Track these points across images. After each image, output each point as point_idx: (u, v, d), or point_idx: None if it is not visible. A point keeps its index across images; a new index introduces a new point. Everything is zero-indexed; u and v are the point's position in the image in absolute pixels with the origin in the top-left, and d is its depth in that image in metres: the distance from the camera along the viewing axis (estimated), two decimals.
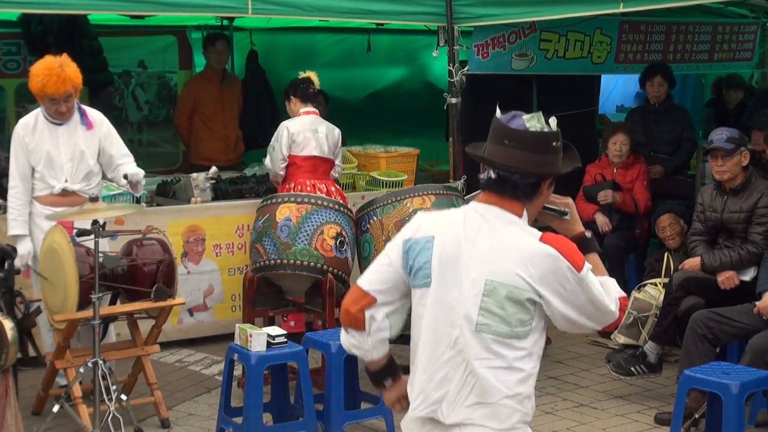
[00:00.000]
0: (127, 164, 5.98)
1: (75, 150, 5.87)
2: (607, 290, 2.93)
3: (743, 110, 9.72)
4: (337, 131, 7.18)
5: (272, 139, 7.06)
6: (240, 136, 9.16)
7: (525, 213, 2.92)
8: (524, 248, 2.84)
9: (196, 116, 8.96)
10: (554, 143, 2.89)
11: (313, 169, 6.99)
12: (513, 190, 2.89)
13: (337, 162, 7.22)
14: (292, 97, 7.09)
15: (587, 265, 2.88)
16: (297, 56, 10.50)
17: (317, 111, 7.16)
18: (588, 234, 3.07)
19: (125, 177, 5.86)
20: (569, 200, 3.09)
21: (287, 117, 7.12)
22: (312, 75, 7.09)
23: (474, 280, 2.86)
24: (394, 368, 3.15)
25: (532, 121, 2.88)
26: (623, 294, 3.00)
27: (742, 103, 9.79)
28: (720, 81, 9.96)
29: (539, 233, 2.89)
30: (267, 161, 7.12)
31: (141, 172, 5.95)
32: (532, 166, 2.87)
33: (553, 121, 2.92)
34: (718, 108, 9.98)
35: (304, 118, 7.03)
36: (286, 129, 6.97)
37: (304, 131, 6.97)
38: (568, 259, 2.84)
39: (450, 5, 7.31)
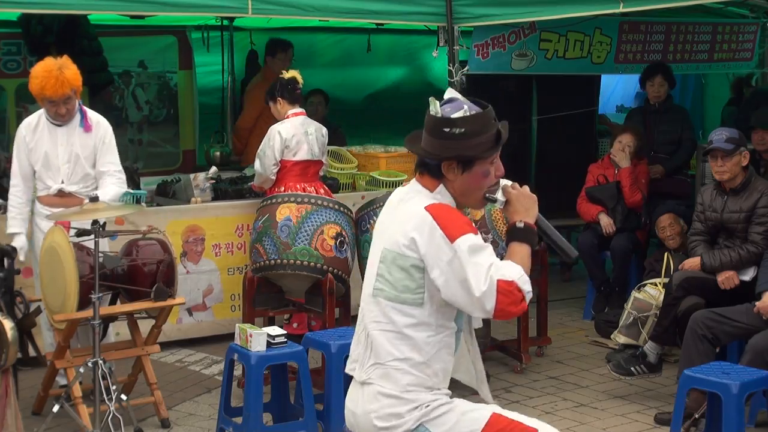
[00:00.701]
0: (102, 183, 5.88)
1: (72, 152, 5.87)
2: (487, 270, 2.95)
3: None
4: (324, 130, 7.17)
5: (263, 144, 6.98)
6: None
7: (440, 188, 3.09)
8: (410, 216, 3.02)
9: (261, 120, 8.85)
10: (444, 129, 3.04)
11: (303, 173, 6.98)
12: (425, 168, 3.12)
13: (323, 160, 7.21)
14: (279, 98, 6.99)
15: (466, 239, 2.95)
16: (297, 56, 10.49)
17: (305, 111, 7.12)
18: (521, 224, 3.12)
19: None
20: (512, 191, 3.15)
21: None
22: (296, 74, 7.02)
23: (376, 251, 3.10)
24: None
25: (432, 106, 3.09)
26: (512, 278, 2.97)
27: None
28: (740, 81, 9.96)
29: (431, 203, 3.04)
30: (257, 166, 7.06)
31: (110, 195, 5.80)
32: (428, 147, 3.09)
33: (460, 110, 3.07)
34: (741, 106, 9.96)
35: (294, 120, 6.98)
36: (279, 134, 6.90)
37: (297, 135, 6.92)
38: (443, 229, 2.97)
39: (450, 5, 7.31)
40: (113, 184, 5.90)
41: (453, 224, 2.97)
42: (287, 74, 7.02)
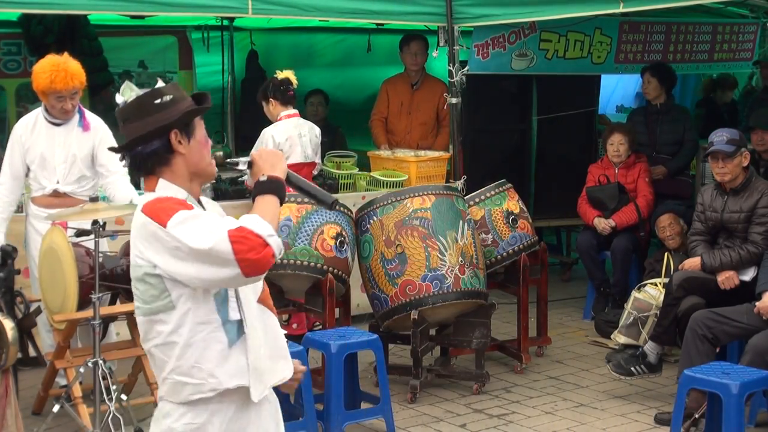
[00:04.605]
0: (114, 183, 5.88)
1: (69, 152, 5.86)
2: (209, 227, 2.77)
3: (734, 109, 9.79)
4: (317, 131, 7.13)
5: (255, 146, 6.94)
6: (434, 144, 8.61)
7: (160, 182, 2.92)
8: (135, 226, 2.90)
9: (388, 117, 8.65)
10: (155, 101, 2.89)
11: None
12: (140, 169, 2.94)
13: (317, 161, 7.18)
14: (271, 99, 6.90)
15: (176, 217, 2.78)
16: (297, 56, 10.49)
17: (297, 112, 7.06)
18: (263, 178, 2.93)
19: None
20: (254, 153, 3.01)
21: None
22: (290, 74, 6.91)
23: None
24: None
25: (127, 90, 2.94)
26: (242, 224, 2.79)
27: (732, 102, 9.90)
28: (712, 81, 10.02)
29: (147, 201, 2.91)
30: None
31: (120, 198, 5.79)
32: (143, 129, 2.89)
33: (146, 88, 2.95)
34: (710, 108, 10.06)
35: (287, 122, 6.91)
36: (272, 137, 6.83)
37: (290, 138, 6.87)
38: (154, 219, 2.81)
39: (450, 5, 7.31)
40: (129, 183, 5.89)
41: (162, 211, 2.81)
42: (281, 74, 6.94)
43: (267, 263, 2.77)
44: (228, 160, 3.01)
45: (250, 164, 2.99)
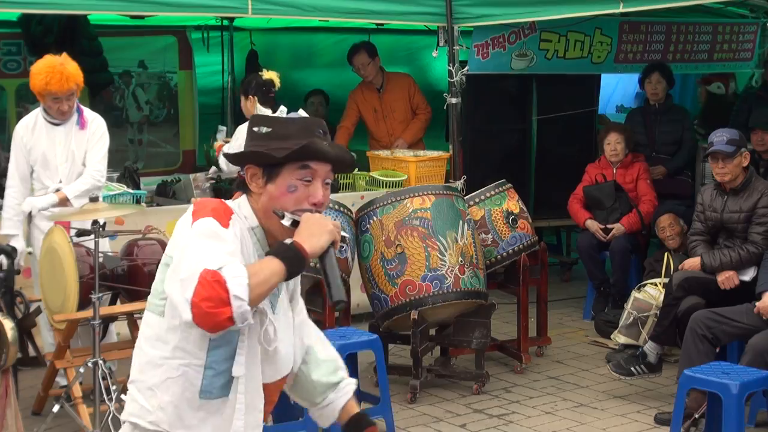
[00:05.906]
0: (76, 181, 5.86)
1: (69, 151, 5.86)
2: (205, 255, 2.42)
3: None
4: None
5: (231, 141, 6.84)
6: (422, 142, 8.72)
7: (242, 198, 2.68)
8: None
9: (368, 126, 8.79)
10: (254, 128, 2.71)
11: None
12: (237, 185, 2.76)
13: None
14: (251, 96, 6.75)
15: (205, 221, 2.50)
16: (297, 56, 10.49)
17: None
18: (288, 241, 2.54)
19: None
20: (306, 214, 2.61)
21: None
22: (274, 76, 6.78)
23: None
24: None
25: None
26: (221, 272, 2.39)
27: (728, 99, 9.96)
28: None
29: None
30: (222, 163, 6.86)
31: (44, 203, 5.77)
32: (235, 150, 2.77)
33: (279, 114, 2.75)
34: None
35: None
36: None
37: None
38: (193, 214, 2.55)
39: (450, 5, 7.32)
40: (82, 178, 5.83)
41: (204, 209, 2.54)
42: (266, 74, 6.85)
43: (218, 322, 2.38)
44: (274, 209, 2.63)
45: (295, 223, 2.60)
